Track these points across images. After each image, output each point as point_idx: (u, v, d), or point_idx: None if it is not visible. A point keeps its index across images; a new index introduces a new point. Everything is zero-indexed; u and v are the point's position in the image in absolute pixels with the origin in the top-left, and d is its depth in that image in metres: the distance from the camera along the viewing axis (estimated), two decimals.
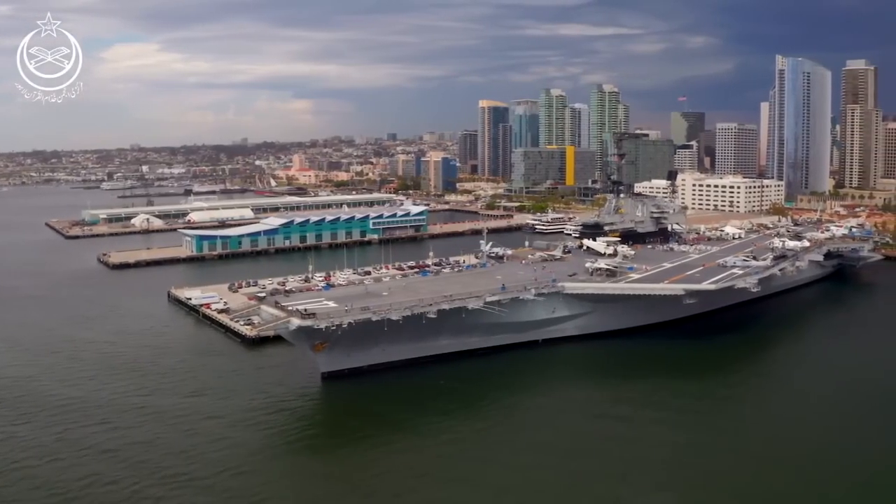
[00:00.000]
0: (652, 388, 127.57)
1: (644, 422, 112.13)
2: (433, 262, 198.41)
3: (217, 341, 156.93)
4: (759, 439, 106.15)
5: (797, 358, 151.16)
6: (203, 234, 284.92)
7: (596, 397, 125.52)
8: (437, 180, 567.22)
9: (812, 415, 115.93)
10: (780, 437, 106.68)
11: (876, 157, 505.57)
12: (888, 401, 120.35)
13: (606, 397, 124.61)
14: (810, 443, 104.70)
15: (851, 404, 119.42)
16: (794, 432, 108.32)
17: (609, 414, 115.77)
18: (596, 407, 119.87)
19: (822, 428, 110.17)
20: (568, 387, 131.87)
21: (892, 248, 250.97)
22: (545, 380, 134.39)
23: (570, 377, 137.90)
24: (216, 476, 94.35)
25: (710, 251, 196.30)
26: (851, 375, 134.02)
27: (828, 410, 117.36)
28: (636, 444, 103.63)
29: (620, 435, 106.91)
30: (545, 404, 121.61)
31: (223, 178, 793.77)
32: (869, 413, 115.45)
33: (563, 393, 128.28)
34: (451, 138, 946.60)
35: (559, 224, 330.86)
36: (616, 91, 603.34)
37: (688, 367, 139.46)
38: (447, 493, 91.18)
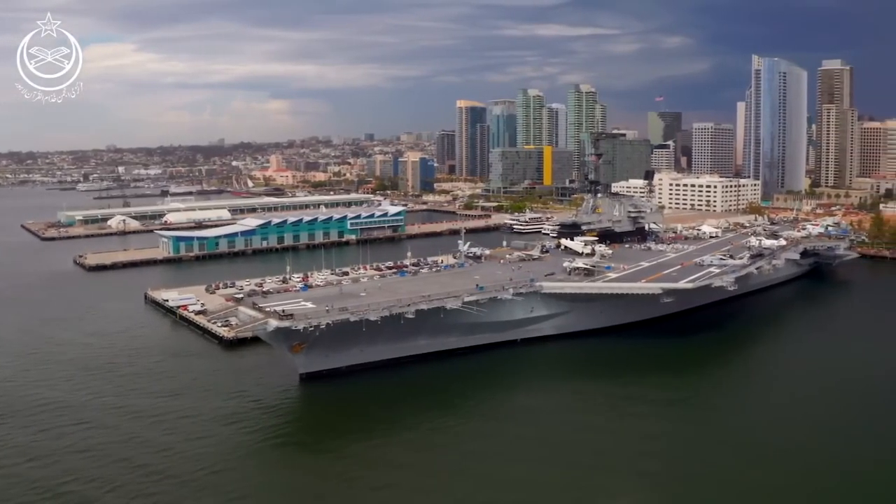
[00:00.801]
0: (629, 387, 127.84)
1: (621, 420, 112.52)
2: (411, 263, 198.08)
3: (194, 343, 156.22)
4: (736, 435, 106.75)
5: (774, 355, 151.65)
6: (180, 235, 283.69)
7: (574, 396, 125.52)
8: (414, 180, 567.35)
9: (788, 411, 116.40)
10: (756, 433, 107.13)
11: (851, 156, 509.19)
12: (862, 396, 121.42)
13: (584, 396, 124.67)
14: (787, 438, 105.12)
15: (827, 400, 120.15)
16: (772, 428, 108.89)
17: (587, 412, 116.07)
18: (573, 405, 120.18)
19: (798, 424, 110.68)
20: (546, 386, 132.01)
21: (867, 247, 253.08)
22: (523, 379, 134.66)
23: (549, 376, 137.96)
24: (192, 475, 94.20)
25: (687, 250, 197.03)
26: (827, 372, 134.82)
27: (804, 407, 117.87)
28: (613, 441, 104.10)
29: (597, 432, 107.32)
30: (523, 403, 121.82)
31: (200, 178, 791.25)
32: (844, 408, 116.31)
33: (541, 392, 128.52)
34: (428, 138, 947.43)
35: (537, 224, 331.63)
36: (593, 91, 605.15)
37: (665, 365, 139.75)
38: (423, 489, 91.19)
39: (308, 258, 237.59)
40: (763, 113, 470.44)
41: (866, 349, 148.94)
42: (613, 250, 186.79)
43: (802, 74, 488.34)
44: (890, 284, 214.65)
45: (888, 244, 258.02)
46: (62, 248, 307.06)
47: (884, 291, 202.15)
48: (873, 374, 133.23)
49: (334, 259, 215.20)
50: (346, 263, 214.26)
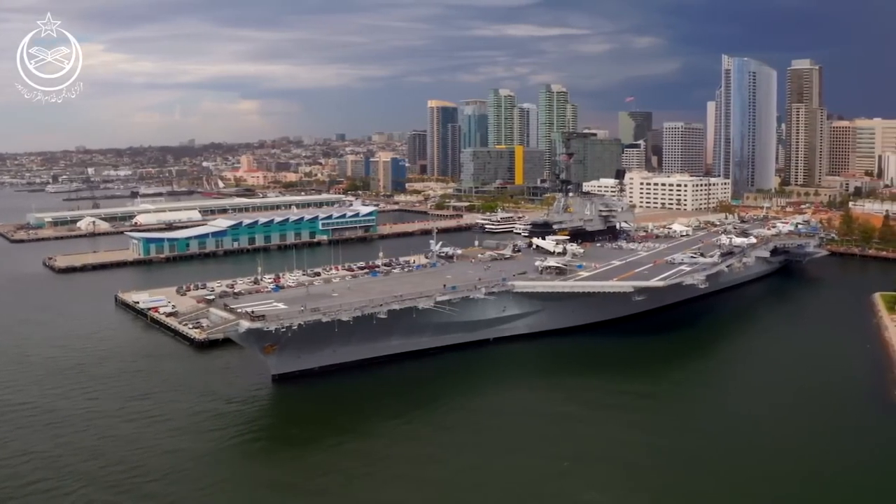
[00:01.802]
0: (601, 385, 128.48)
1: (594, 418, 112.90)
2: (383, 263, 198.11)
3: (165, 345, 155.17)
4: (707, 430, 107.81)
5: (745, 352, 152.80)
6: (150, 236, 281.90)
7: (546, 395, 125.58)
8: (386, 181, 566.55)
9: (759, 407, 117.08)
10: (728, 431, 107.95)
11: (821, 154, 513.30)
12: (829, 393, 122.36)
13: (557, 394, 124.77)
14: (758, 432, 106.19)
15: (797, 397, 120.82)
16: (743, 425, 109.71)
17: (559, 410, 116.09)
18: (546, 404, 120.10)
19: (767, 417, 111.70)
20: (518, 385, 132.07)
21: (837, 244, 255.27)
22: (496, 378, 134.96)
23: (521, 375, 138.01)
24: (163, 476, 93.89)
25: (659, 249, 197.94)
26: (797, 368, 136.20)
27: (774, 403, 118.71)
28: (585, 438, 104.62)
29: (569, 430, 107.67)
30: (496, 402, 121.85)
31: (170, 179, 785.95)
32: (812, 404, 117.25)
33: (514, 390, 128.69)
34: (399, 138, 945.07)
35: (508, 223, 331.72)
36: (564, 91, 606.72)
37: (637, 363, 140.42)
38: (395, 490, 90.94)
39: (279, 259, 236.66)
40: (733, 112, 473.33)
41: (833, 344, 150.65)
42: (585, 249, 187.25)
43: (772, 74, 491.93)
44: (859, 281, 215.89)
45: (857, 242, 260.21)
46: (31, 250, 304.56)
47: (853, 288, 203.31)
48: (839, 368, 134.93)
49: (306, 260, 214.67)
50: (317, 264, 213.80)
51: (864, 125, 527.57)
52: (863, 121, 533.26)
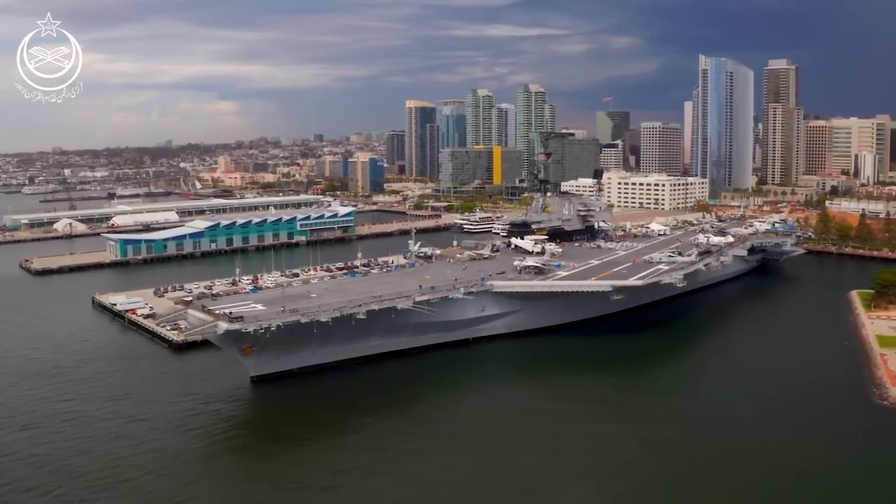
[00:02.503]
0: (580, 384, 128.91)
1: (572, 416, 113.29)
2: (362, 263, 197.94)
3: (143, 347, 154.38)
4: (685, 429, 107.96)
5: (723, 351, 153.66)
6: (127, 238, 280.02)
7: (525, 394, 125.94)
8: (364, 181, 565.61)
9: (738, 405, 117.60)
10: (707, 428, 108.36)
11: (798, 154, 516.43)
12: (809, 390, 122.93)
13: (535, 394, 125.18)
14: (739, 433, 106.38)
15: (776, 395, 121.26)
16: (722, 423, 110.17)
17: (537, 409, 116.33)
18: (525, 403, 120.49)
19: (748, 418, 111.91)
20: (498, 384, 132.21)
21: (814, 243, 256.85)
22: (475, 378, 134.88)
23: (500, 375, 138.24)
24: (140, 477, 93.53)
25: (637, 248, 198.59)
26: (776, 366, 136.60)
27: (753, 401, 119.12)
28: (564, 438, 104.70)
29: (548, 430, 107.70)
30: (474, 401, 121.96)
31: (147, 181, 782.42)
32: (791, 402, 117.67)
33: (493, 390, 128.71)
34: (378, 139, 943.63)
35: (487, 223, 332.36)
36: (542, 91, 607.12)
37: (616, 362, 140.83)
38: (373, 489, 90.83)
39: (258, 260, 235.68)
40: (710, 112, 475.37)
41: (811, 342, 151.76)
42: (563, 249, 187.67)
43: (749, 74, 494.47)
44: (836, 279, 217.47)
45: (834, 240, 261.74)
46: (8, 252, 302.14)
47: (830, 286, 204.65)
48: (817, 366, 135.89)
49: (284, 260, 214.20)
50: (296, 265, 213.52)
51: (841, 125, 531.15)
52: (839, 120, 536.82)
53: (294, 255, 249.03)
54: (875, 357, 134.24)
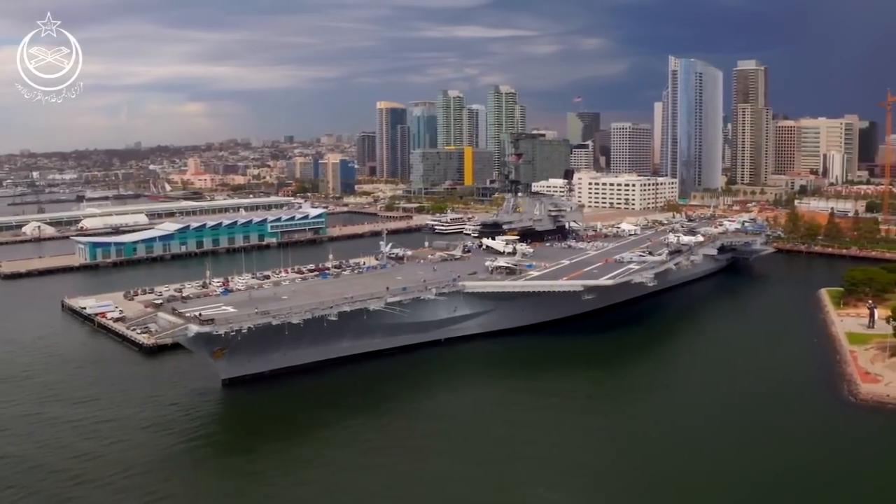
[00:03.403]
0: (552, 383, 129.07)
1: (544, 415, 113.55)
2: (333, 265, 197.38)
3: (113, 350, 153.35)
4: (659, 429, 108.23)
5: (694, 349, 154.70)
6: (96, 241, 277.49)
7: (497, 393, 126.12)
8: (335, 182, 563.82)
9: (710, 403, 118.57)
10: (680, 427, 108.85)
11: (767, 154, 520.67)
12: (780, 388, 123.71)
13: (507, 393, 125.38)
14: (711, 431, 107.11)
15: (748, 393, 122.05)
16: (695, 421, 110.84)
17: (509, 409, 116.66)
18: (496, 402, 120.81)
19: (720, 416, 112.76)
20: (469, 384, 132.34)
21: (783, 242, 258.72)
22: (446, 378, 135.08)
23: (472, 375, 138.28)
24: (109, 479, 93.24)
25: (607, 248, 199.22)
26: (747, 364, 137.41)
27: (725, 399, 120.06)
28: (536, 436, 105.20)
29: (521, 428, 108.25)
30: (446, 402, 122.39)
31: (116, 183, 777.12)
32: (763, 400, 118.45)
33: (465, 390, 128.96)
34: (348, 140, 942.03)
35: (458, 224, 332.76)
36: (513, 92, 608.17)
37: (587, 360, 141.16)
38: (345, 490, 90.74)
39: (228, 262, 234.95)
40: (680, 113, 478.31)
41: (782, 340, 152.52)
42: (535, 249, 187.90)
43: (718, 75, 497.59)
44: (805, 278, 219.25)
45: (803, 239, 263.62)
46: None
47: (799, 284, 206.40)
48: (788, 363, 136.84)
49: (255, 262, 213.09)
50: (266, 267, 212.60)
51: (809, 125, 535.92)
52: (807, 120, 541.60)
53: (265, 257, 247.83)
54: (845, 354, 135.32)
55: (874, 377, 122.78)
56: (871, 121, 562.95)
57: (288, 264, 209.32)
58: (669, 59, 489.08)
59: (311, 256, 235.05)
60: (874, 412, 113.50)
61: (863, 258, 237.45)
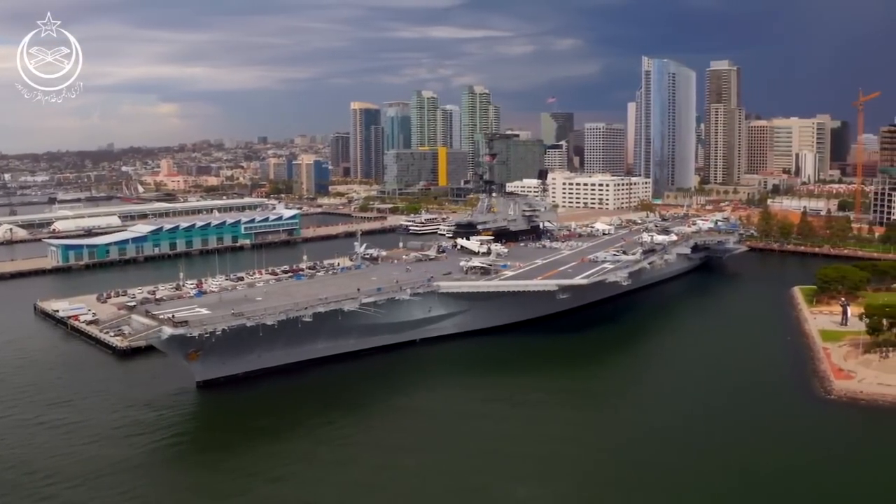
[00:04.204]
0: (527, 382, 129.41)
1: (519, 414, 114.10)
2: (307, 266, 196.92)
3: (86, 353, 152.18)
4: (633, 427, 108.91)
5: (669, 347, 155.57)
6: (69, 243, 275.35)
7: (472, 393, 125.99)
8: (309, 183, 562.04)
9: (685, 401, 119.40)
10: (654, 425, 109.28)
11: (739, 153, 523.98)
12: (755, 385, 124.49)
13: (482, 393, 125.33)
14: (686, 428, 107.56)
15: (723, 390, 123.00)
16: (666, 420, 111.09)
17: (484, 408, 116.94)
18: (470, 402, 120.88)
19: (695, 413, 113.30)
20: (445, 384, 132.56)
21: (756, 241, 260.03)
22: (422, 378, 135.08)
23: (447, 375, 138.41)
24: (82, 484, 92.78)
25: (582, 247, 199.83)
26: (721, 362, 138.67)
27: (700, 397, 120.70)
28: (510, 436, 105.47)
29: (494, 428, 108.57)
30: (421, 402, 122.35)
31: (89, 185, 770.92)
32: (737, 397, 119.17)
33: (439, 390, 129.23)
34: (322, 141, 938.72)
35: (433, 224, 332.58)
36: (487, 92, 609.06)
37: (562, 360, 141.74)
38: (319, 491, 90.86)
39: (202, 264, 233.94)
40: (653, 113, 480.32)
41: (756, 337, 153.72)
42: (509, 249, 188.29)
43: (691, 75, 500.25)
44: (778, 276, 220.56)
45: (776, 238, 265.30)
46: None
47: (772, 282, 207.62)
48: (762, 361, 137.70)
49: (229, 264, 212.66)
50: (240, 268, 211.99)
51: (781, 124, 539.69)
52: (780, 120, 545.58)
53: (239, 259, 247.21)
54: (818, 351, 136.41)
55: (847, 374, 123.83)
56: (843, 120, 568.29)
57: (262, 266, 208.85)
58: (643, 60, 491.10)
59: (285, 258, 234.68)
60: (848, 408, 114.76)
61: (835, 256, 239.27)
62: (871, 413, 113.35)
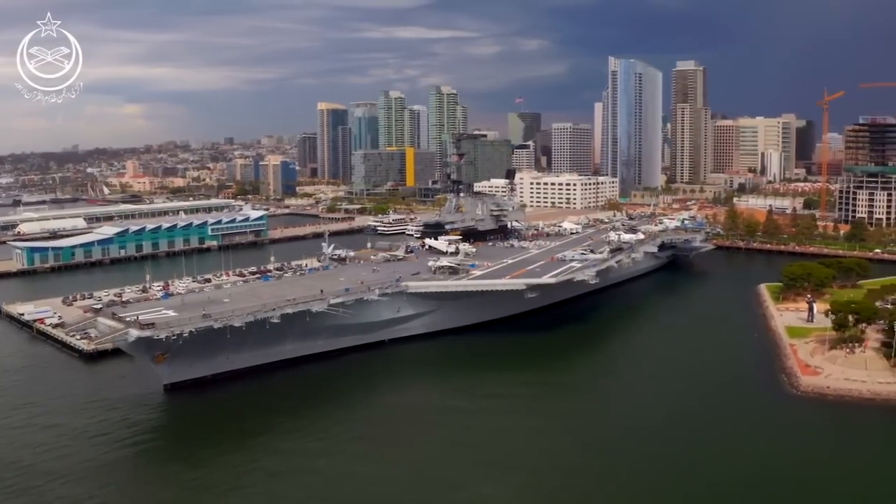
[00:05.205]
0: (496, 381, 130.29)
1: (487, 414, 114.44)
2: (275, 267, 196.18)
3: (52, 357, 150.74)
4: (599, 425, 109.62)
5: (637, 345, 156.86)
6: (34, 246, 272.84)
7: (440, 393, 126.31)
8: (276, 184, 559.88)
9: (653, 398, 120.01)
10: (619, 423, 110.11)
11: (705, 153, 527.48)
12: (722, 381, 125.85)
13: (451, 392, 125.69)
14: (650, 426, 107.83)
15: (691, 387, 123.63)
16: (634, 417, 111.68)
17: (451, 407, 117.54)
18: (440, 402, 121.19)
19: (663, 411, 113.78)
20: (413, 384, 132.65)
21: (723, 239, 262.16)
22: (390, 379, 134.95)
23: (416, 375, 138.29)
24: (46, 485, 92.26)
25: (550, 246, 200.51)
26: (689, 359, 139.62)
27: (668, 394, 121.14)
28: (477, 433, 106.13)
29: (462, 426, 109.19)
30: (390, 403, 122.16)
31: (54, 187, 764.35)
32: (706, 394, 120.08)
33: (409, 390, 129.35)
34: (289, 141, 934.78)
35: (401, 225, 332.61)
36: (454, 93, 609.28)
37: (531, 359, 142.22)
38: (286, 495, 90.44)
39: (168, 266, 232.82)
40: (620, 113, 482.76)
41: (723, 334, 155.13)
42: (477, 248, 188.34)
43: (657, 75, 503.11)
44: (744, 273, 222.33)
45: (742, 236, 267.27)
46: None
47: (739, 280, 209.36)
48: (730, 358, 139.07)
49: (195, 266, 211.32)
50: (207, 270, 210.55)
51: (747, 124, 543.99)
52: (745, 119, 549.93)
53: (206, 261, 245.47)
54: (785, 348, 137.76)
55: (814, 370, 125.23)
56: (808, 120, 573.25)
57: (229, 267, 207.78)
58: (609, 60, 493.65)
59: (253, 259, 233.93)
60: (816, 404, 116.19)
61: (801, 254, 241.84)
62: (838, 408, 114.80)
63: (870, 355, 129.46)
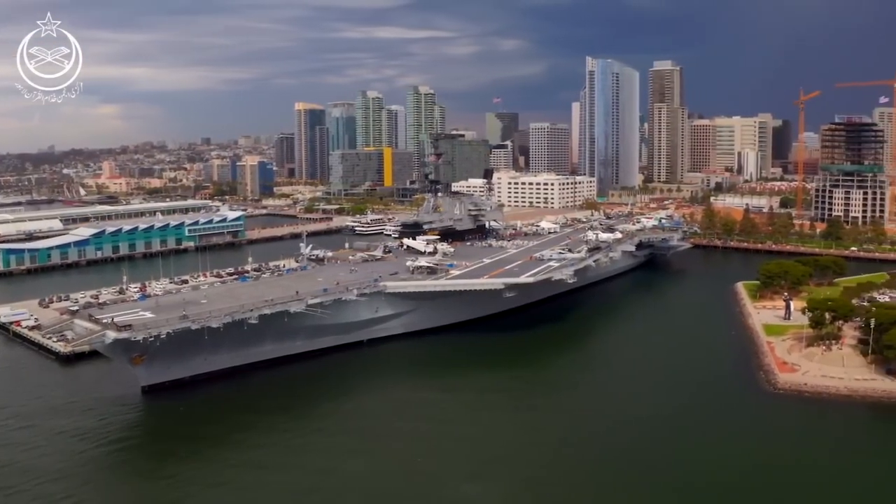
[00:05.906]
0: (474, 381, 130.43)
1: (466, 413, 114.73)
2: (252, 268, 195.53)
3: (29, 359, 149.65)
4: (577, 424, 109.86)
5: (614, 344, 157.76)
6: (9, 247, 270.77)
7: (419, 393, 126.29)
8: (253, 185, 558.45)
9: (633, 396, 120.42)
10: (597, 422, 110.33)
11: (682, 152, 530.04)
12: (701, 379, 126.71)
13: (430, 392, 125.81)
14: (628, 425, 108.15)
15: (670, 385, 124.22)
16: (612, 416, 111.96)
17: (431, 408, 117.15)
18: (419, 401, 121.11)
19: (643, 408, 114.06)
20: (392, 384, 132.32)
21: (700, 237, 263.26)
22: (369, 379, 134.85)
23: (395, 375, 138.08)
24: (23, 485, 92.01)
25: (528, 246, 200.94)
26: (668, 357, 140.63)
27: (647, 393, 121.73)
28: (458, 435, 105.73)
29: (441, 427, 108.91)
30: (369, 403, 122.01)
31: (30, 188, 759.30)
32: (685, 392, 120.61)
33: (387, 390, 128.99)
34: (267, 142, 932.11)
35: (379, 225, 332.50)
36: (432, 93, 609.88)
37: (509, 358, 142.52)
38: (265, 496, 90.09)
39: (145, 267, 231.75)
40: (597, 112, 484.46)
41: (701, 332, 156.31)
42: (455, 248, 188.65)
43: (634, 75, 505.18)
44: (722, 272, 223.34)
45: (719, 235, 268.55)
46: None
47: (716, 278, 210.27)
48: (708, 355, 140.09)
49: (173, 267, 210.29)
50: (185, 271, 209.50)
51: (724, 123, 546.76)
52: (722, 119, 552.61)
53: (183, 262, 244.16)
54: (762, 345, 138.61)
55: (791, 367, 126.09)
56: (785, 119, 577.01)
57: (206, 268, 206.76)
58: (587, 60, 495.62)
59: (230, 260, 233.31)
60: (793, 401, 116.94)
61: (777, 252, 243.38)
62: (815, 405, 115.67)
63: (846, 352, 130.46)
